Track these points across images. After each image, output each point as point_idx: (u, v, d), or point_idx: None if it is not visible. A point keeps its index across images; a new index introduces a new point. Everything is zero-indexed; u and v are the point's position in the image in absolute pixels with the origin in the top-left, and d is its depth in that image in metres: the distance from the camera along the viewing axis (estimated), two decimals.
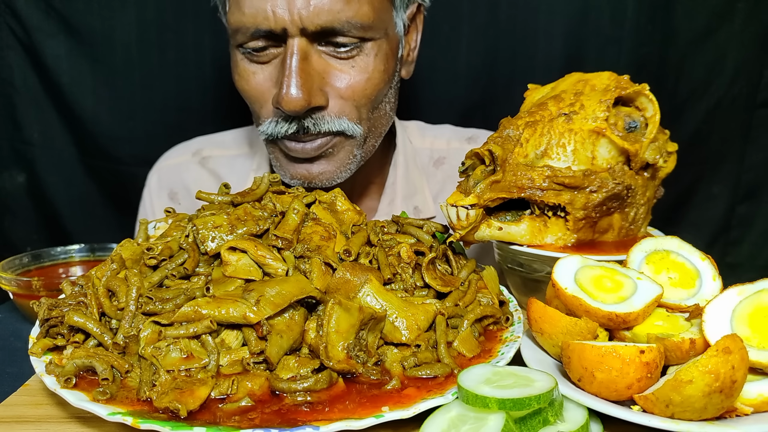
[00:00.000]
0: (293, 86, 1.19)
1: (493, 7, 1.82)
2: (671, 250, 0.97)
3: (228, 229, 0.95)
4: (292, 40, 1.21)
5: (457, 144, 1.61)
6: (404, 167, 1.52)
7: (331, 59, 1.26)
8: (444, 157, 1.59)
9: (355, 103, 1.28)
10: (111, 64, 1.86)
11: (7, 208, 1.96)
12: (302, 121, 1.25)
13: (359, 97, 1.28)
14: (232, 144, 1.64)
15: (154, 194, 1.65)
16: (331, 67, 1.26)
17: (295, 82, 1.19)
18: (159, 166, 1.67)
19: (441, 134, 1.63)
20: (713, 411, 0.73)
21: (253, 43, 1.25)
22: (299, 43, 1.21)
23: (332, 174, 1.34)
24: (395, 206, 1.50)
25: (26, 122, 1.89)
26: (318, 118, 1.26)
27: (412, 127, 1.63)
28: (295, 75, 1.20)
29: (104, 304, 0.89)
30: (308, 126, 1.26)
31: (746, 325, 0.81)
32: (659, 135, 1.07)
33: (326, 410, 0.78)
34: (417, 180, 1.54)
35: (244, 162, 1.59)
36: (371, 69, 1.27)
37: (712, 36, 1.83)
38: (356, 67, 1.26)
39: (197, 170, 1.61)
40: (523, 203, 1.06)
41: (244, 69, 1.29)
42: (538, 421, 0.73)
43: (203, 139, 1.68)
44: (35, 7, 1.80)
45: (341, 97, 1.27)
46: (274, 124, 1.28)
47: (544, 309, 0.88)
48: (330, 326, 0.84)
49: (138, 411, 0.77)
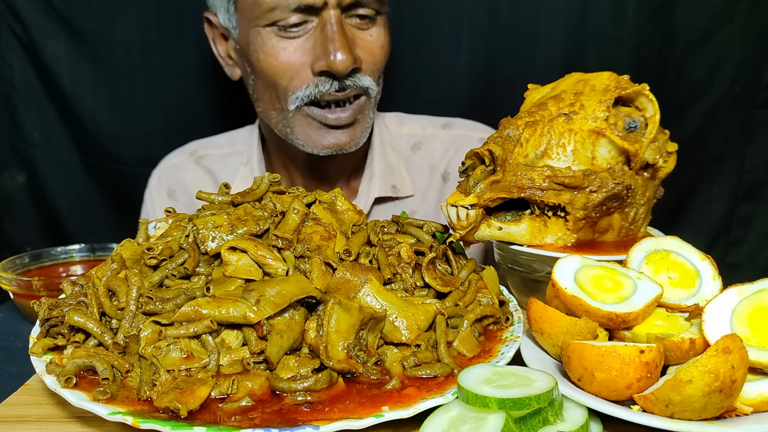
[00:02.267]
0: (340, 48, 1.37)
1: (493, 7, 1.82)
2: (671, 250, 0.97)
3: (228, 229, 0.95)
4: (330, 11, 1.38)
5: (432, 129, 1.72)
6: (380, 148, 1.66)
7: (354, 29, 1.44)
8: (420, 142, 1.71)
9: (374, 67, 1.47)
10: (111, 64, 1.86)
11: (7, 208, 1.96)
12: (344, 80, 1.41)
13: (377, 61, 1.47)
14: (225, 144, 1.75)
15: (154, 194, 1.73)
16: (356, 36, 1.44)
17: (341, 45, 1.37)
18: (159, 168, 1.76)
19: (417, 121, 1.75)
20: (713, 411, 0.73)
21: (293, 18, 1.38)
22: (336, 14, 1.38)
23: (358, 138, 1.51)
24: (373, 183, 1.63)
25: (26, 122, 1.90)
26: (355, 77, 1.43)
27: (389, 116, 1.74)
28: (340, 39, 1.37)
29: (104, 303, 0.89)
30: (348, 83, 1.42)
31: (746, 325, 0.81)
32: (659, 135, 1.07)
33: (326, 410, 0.78)
34: (394, 161, 1.67)
35: (235, 158, 1.71)
36: (383, 38, 1.48)
37: (712, 36, 1.83)
38: (373, 36, 1.46)
39: (193, 168, 1.72)
40: (523, 203, 1.06)
41: (274, 47, 1.41)
42: (538, 420, 0.74)
43: (198, 141, 1.78)
44: (35, 7, 1.80)
45: (365, 60, 1.45)
46: (314, 87, 1.41)
47: (544, 309, 0.88)
48: (330, 326, 0.84)
49: (138, 411, 0.77)
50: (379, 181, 1.63)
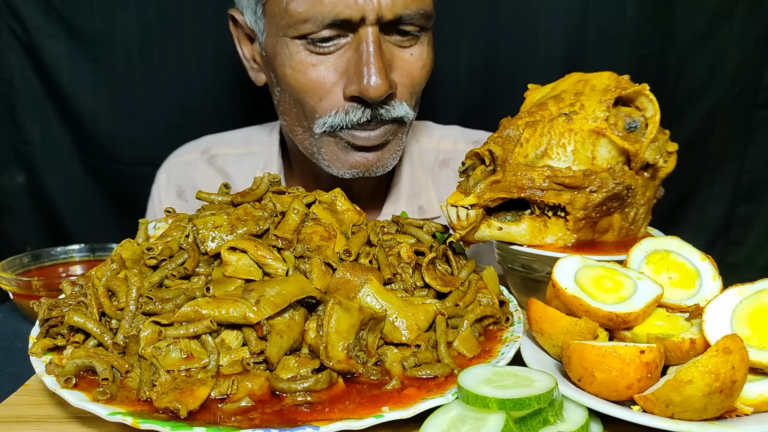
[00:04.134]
0: (375, 73, 1.22)
1: (493, 7, 1.82)
2: (671, 250, 0.97)
3: (228, 229, 0.95)
4: (368, 28, 1.23)
5: (463, 146, 1.61)
6: (410, 166, 1.54)
7: (395, 48, 1.29)
8: (449, 158, 1.61)
9: (411, 90, 1.33)
10: (111, 64, 1.86)
11: (7, 208, 1.95)
12: (376, 108, 1.28)
13: (416, 83, 1.33)
14: (241, 143, 1.64)
15: (162, 191, 1.66)
16: (395, 56, 1.30)
17: (377, 69, 1.22)
18: (168, 163, 1.68)
19: (448, 135, 1.64)
20: (713, 411, 0.73)
21: (325, 32, 1.24)
22: (373, 32, 1.23)
23: (386, 161, 1.38)
24: (399, 206, 1.52)
25: (26, 122, 1.89)
26: (389, 105, 1.29)
27: (419, 126, 1.64)
28: (376, 62, 1.22)
29: (104, 304, 0.89)
30: (381, 113, 1.28)
31: (746, 325, 0.81)
32: (659, 135, 1.07)
33: (326, 410, 0.78)
34: (422, 179, 1.55)
35: (252, 161, 1.60)
36: (425, 57, 1.33)
37: (712, 36, 1.83)
38: (414, 56, 1.31)
39: (205, 168, 1.62)
40: (523, 203, 1.06)
41: (302, 62, 1.27)
42: (538, 421, 0.74)
43: (212, 137, 1.69)
44: (35, 7, 1.80)
45: (402, 84, 1.31)
46: (344, 114, 1.28)
47: (544, 309, 0.88)
48: (330, 326, 0.84)
49: (138, 411, 0.77)
50: (406, 203, 1.52)
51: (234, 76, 1.86)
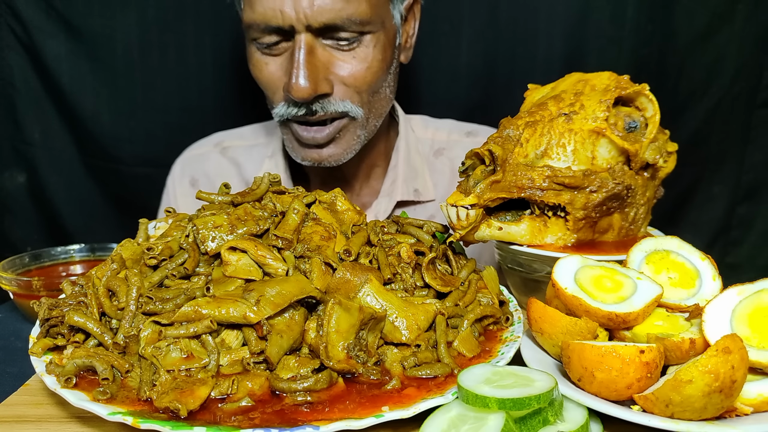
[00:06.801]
0: (301, 77, 1.33)
1: (493, 7, 1.82)
2: (671, 250, 0.97)
3: (228, 229, 0.95)
4: (299, 35, 1.34)
5: (456, 137, 1.71)
6: (405, 152, 1.64)
7: (334, 51, 1.39)
8: (443, 148, 1.70)
9: (356, 89, 1.42)
10: (111, 64, 1.86)
11: (7, 208, 1.96)
12: (310, 106, 1.39)
13: (360, 83, 1.41)
14: (250, 135, 1.76)
15: (177, 181, 1.74)
16: (335, 58, 1.39)
17: (303, 73, 1.33)
18: (183, 156, 1.76)
19: (443, 126, 1.73)
20: (713, 411, 0.73)
21: (266, 38, 1.38)
22: (305, 38, 1.34)
23: (340, 155, 1.48)
24: (396, 186, 1.62)
25: (26, 122, 1.90)
26: (324, 102, 1.39)
27: (416, 119, 1.74)
28: (303, 67, 1.34)
29: (104, 303, 0.89)
30: (316, 109, 1.39)
31: (746, 325, 0.81)
32: (659, 135, 1.07)
33: (326, 410, 0.78)
34: (418, 164, 1.66)
35: (261, 150, 1.71)
36: (370, 59, 1.40)
37: (712, 36, 1.83)
38: (357, 58, 1.40)
39: (218, 158, 1.73)
40: (523, 203, 1.06)
41: (258, 60, 1.43)
42: (538, 421, 0.74)
43: (223, 133, 1.78)
44: (36, 7, 1.80)
45: (344, 84, 1.40)
46: (286, 107, 1.41)
47: (544, 309, 0.88)
48: (330, 326, 0.84)
49: (138, 411, 0.77)
50: (403, 184, 1.62)
51: (234, 76, 1.87)
